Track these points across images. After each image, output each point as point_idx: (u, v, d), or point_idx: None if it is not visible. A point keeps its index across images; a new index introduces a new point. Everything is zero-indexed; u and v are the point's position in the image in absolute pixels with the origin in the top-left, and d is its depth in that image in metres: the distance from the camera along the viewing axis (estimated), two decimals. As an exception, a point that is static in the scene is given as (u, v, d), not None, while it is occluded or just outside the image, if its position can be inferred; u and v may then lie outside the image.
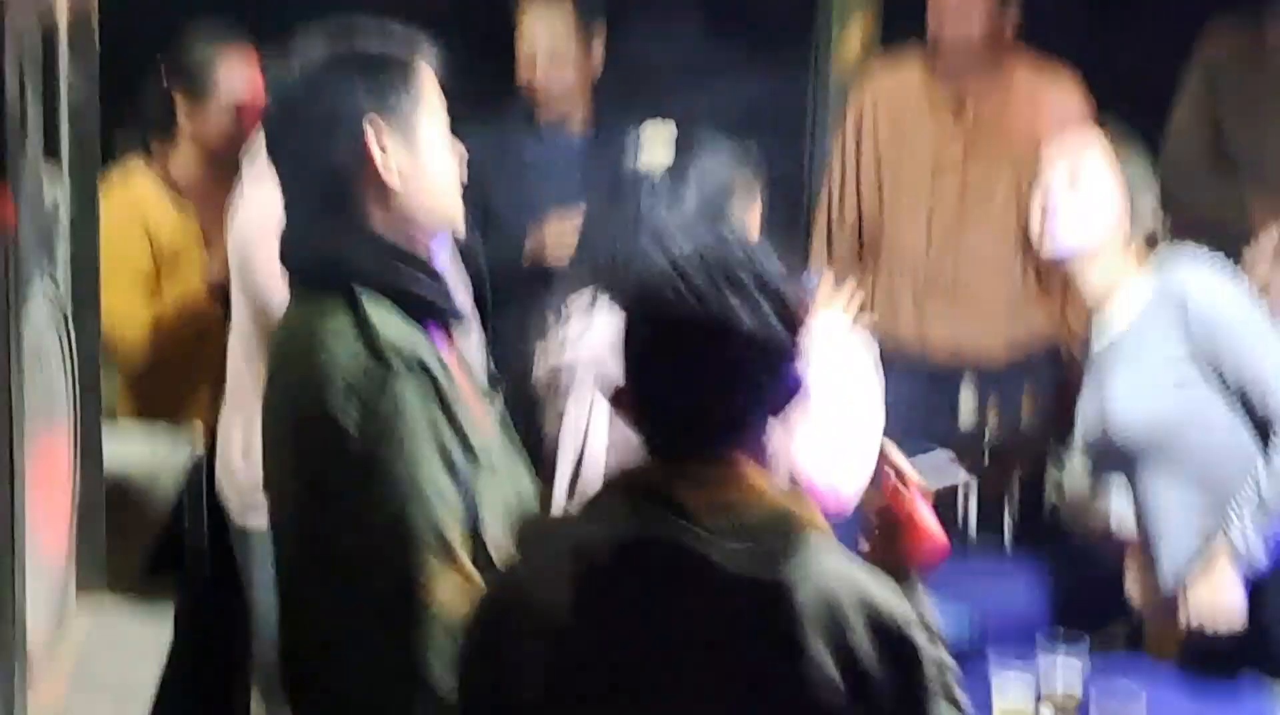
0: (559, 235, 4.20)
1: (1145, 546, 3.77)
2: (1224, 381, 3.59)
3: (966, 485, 4.16)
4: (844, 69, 6.00)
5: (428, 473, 2.65)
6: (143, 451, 2.87)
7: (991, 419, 4.18)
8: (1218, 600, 3.54)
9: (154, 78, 4.58)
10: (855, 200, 5.00)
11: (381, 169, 2.73)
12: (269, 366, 2.95)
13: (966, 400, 4.25)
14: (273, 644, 3.82)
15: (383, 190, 2.76)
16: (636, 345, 2.37)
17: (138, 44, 4.70)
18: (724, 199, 3.30)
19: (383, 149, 2.72)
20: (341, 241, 2.78)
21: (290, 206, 2.81)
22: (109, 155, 4.72)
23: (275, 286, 3.75)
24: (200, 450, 3.00)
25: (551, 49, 4.66)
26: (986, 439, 4.17)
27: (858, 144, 4.99)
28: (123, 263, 4.31)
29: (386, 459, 2.66)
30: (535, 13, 4.66)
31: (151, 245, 4.42)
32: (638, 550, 2.33)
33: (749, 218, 3.33)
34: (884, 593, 2.27)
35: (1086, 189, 3.71)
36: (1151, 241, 3.72)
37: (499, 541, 2.76)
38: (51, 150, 2.06)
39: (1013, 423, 4.22)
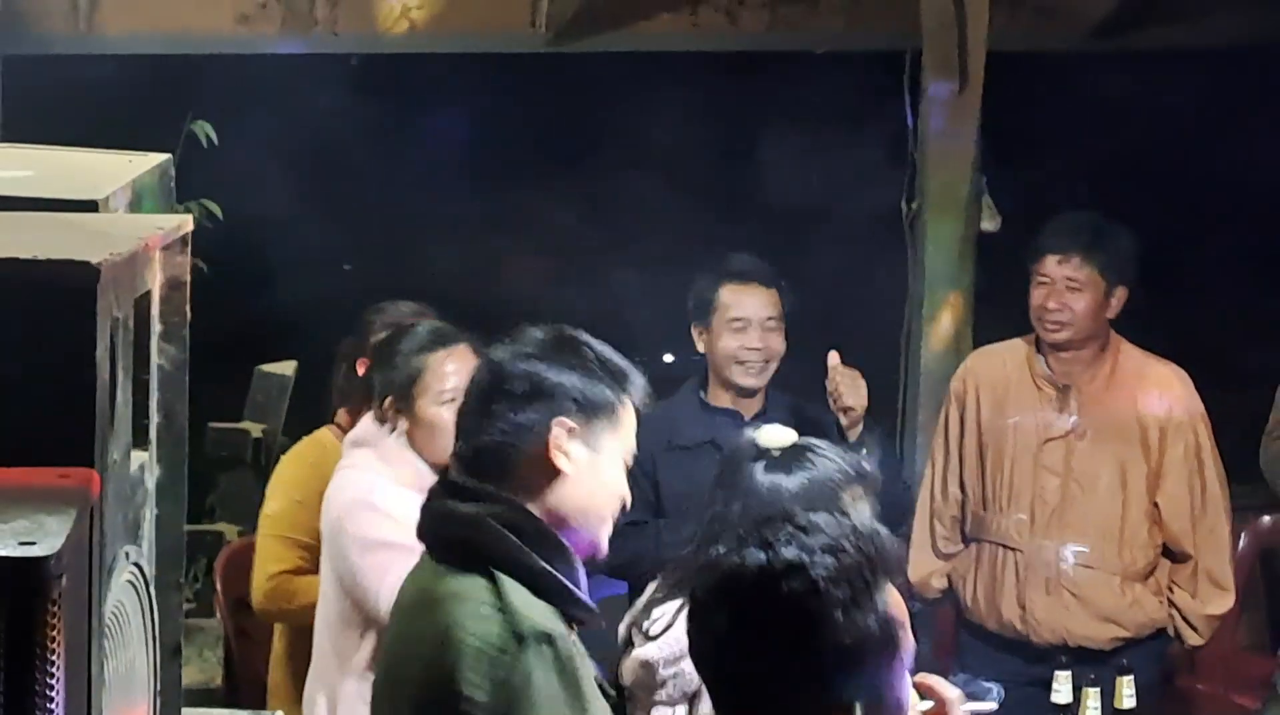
0: None
1: None
2: None
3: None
4: (934, 353, 6.04)
5: None
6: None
7: (1089, 701, 4.14)
8: None
9: (347, 356, 4.76)
10: (959, 483, 5.02)
11: (556, 458, 2.90)
12: (391, 634, 3.08)
13: (1060, 681, 4.21)
14: None
15: (552, 479, 2.92)
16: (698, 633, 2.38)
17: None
18: (828, 491, 3.42)
19: (562, 450, 2.89)
20: (481, 527, 2.92)
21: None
22: (299, 427, 4.90)
23: (374, 577, 3.88)
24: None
25: (756, 319, 4.82)
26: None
27: (961, 428, 5.02)
28: (291, 524, 4.58)
29: None
30: (739, 293, 4.84)
31: (318, 509, 4.42)
32: None
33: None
34: None
35: None
36: None
37: None
38: (140, 423, 2.08)
39: (1111, 708, 4.17)
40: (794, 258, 5.66)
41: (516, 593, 2.87)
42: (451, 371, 4.11)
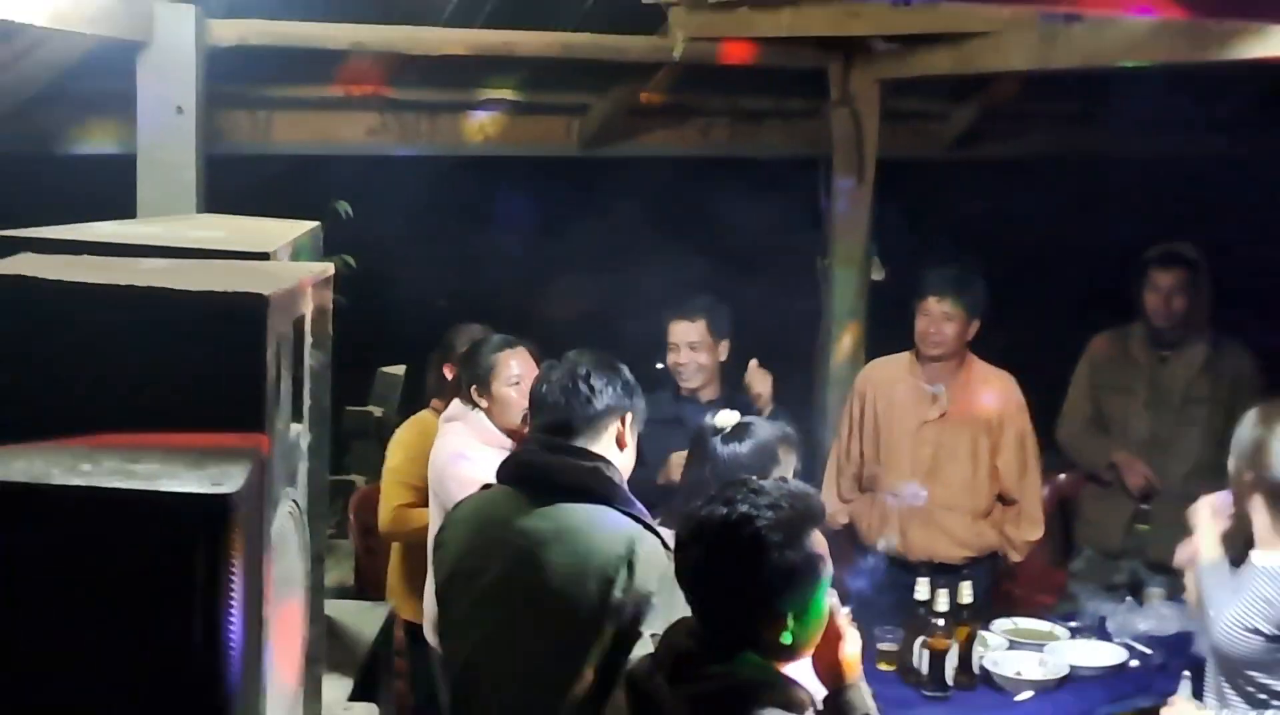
0: (678, 466, 4.21)
1: None
2: None
3: (924, 650, 4.13)
4: (839, 362, 6.05)
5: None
6: (351, 614, 2.85)
7: (940, 598, 4.15)
8: None
9: (436, 363, 4.80)
10: (859, 451, 5.01)
11: (625, 436, 3.07)
12: (537, 560, 2.95)
13: (922, 585, 4.21)
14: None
15: (620, 449, 3.07)
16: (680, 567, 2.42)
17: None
18: (770, 452, 3.40)
19: (628, 430, 3.07)
20: (599, 476, 2.98)
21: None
22: (409, 402, 4.87)
23: (464, 494, 3.89)
24: (392, 612, 2.97)
25: (698, 346, 4.78)
26: (937, 610, 4.15)
27: (861, 414, 5.00)
28: (406, 474, 4.58)
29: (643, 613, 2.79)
30: (681, 324, 4.78)
31: (424, 463, 4.41)
32: (632, 681, 2.50)
33: (789, 466, 3.37)
34: None
35: None
36: None
37: None
38: (296, 404, 2.08)
39: (958, 600, 4.18)
40: (744, 294, 5.65)
41: (640, 520, 2.94)
42: (515, 364, 4.18)
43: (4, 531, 1.53)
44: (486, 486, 3.20)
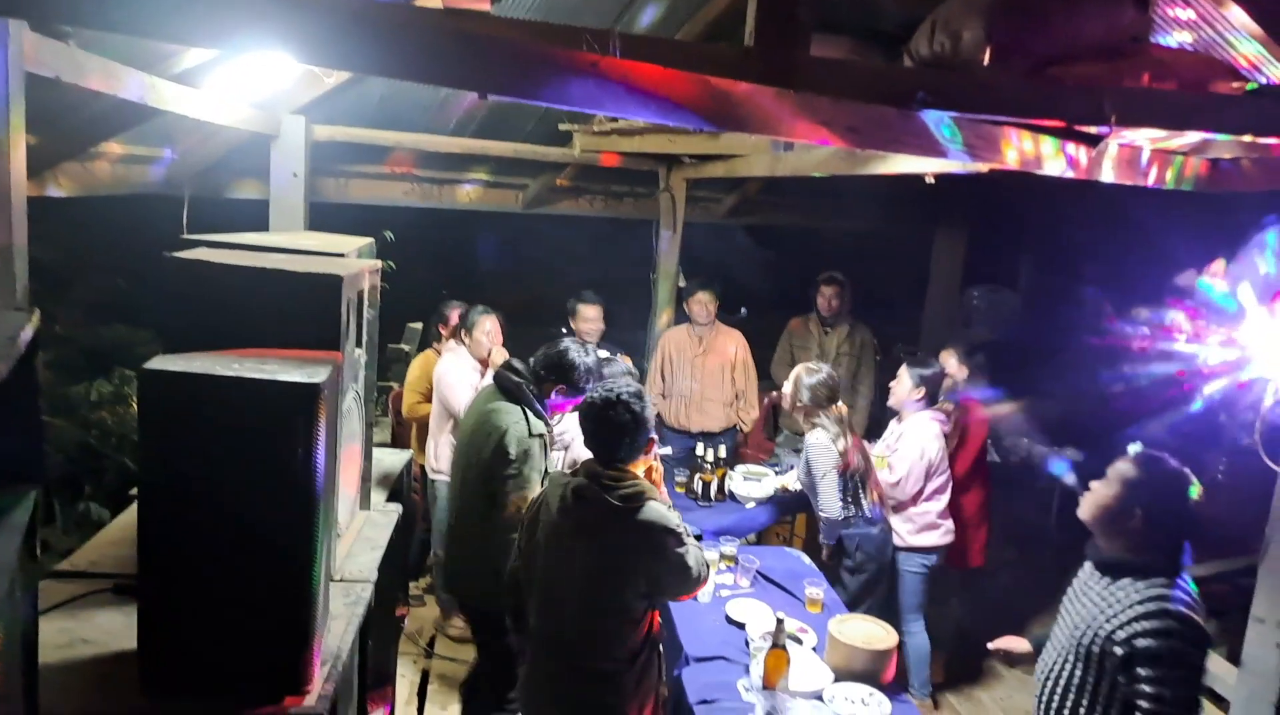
0: None
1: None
2: None
3: (699, 480, 4.19)
4: (660, 328, 6.05)
5: (538, 474, 2.75)
6: (387, 456, 2.81)
7: (709, 452, 4.22)
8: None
9: (435, 322, 4.61)
10: (661, 376, 4.99)
11: (551, 393, 2.91)
12: (473, 429, 2.93)
13: (699, 446, 4.27)
14: (438, 524, 3.92)
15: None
16: (584, 422, 2.41)
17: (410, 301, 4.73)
18: (625, 373, 3.41)
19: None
20: (520, 389, 2.90)
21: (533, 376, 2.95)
22: (423, 345, 4.70)
23: (453, 398, 3.80)
24: (411, 456, 2.93)
25: (593, 319, 4.69)
26: (706, 460, 4.21)
27: (664, 356, 4.99)
28: (418, 385, 4.41)
29: (527, 466, 2.77)
30: (588, 309, 4.69)
31: (428, 379, 4.30)
32: (576, 491, 2.36)
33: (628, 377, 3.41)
34: (666, 516, 2.28)
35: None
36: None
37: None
38: (358, 339, 2.05)
39: (718, 454, 4.25)
40: (613, 291, 5.64)
41: (528, 414, 2.89)
42: (488, 322, 4.11)
43: (188, 400, 1.49)
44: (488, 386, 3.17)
